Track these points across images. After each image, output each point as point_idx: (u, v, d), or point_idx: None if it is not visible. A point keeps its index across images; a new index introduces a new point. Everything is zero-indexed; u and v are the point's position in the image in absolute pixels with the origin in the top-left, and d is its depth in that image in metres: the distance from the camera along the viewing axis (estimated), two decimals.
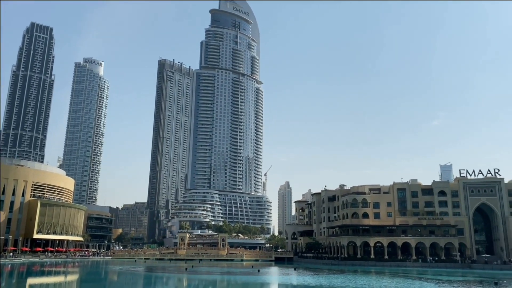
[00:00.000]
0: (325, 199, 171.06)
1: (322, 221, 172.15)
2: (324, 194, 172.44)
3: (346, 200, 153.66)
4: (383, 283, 70.86)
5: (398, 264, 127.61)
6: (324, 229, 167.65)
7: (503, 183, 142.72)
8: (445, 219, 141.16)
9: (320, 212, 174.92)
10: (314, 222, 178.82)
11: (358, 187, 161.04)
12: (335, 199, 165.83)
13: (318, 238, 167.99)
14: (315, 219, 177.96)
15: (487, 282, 73.57)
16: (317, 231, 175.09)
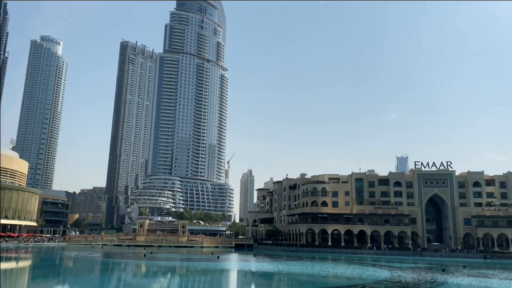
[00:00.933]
0: (286, 188, 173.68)
1: (282, 209, 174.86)
2: (286, 182, 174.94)
3: (307, 188, 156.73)
4: (339, 270, 73.20)
5: (354, 251, 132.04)
6: (284, 216, 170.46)
7: (454, 175, 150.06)
8: (400, 208, 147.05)
9: (281, 200, 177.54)
10: (275, 210, 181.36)
11: (318, 176, 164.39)
12: (296, 187, 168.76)
13: (278, 225, 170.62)
14: (276, 206, 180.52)
15: (436, 269, 77.58)
16: (277, 218, 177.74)
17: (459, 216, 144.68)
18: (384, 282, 55.04)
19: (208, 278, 59.29)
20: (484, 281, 57.26)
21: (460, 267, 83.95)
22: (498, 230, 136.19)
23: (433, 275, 65.84)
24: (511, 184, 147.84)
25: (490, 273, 72.20)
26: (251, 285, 54.65)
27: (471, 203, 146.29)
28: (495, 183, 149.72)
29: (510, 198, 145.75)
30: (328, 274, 65.44)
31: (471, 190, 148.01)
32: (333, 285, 52.18)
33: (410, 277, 61.99)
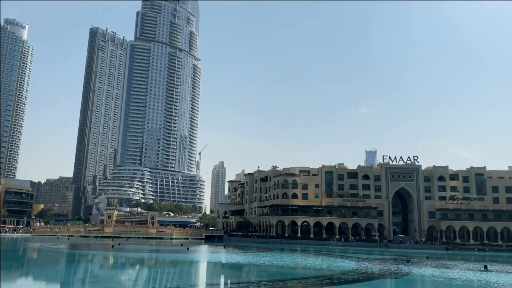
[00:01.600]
0: (257, 180, 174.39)
1: (253, 201, 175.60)
2: (257, 174, 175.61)
3: (278, 181, 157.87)
4: (308, 261, 74.29)
5: (322, 243, 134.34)
6: (255, 208, 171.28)
7: (420, 169, 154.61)
8: (367, 201, 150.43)
9: (252, 192, 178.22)
10: (246, 202, 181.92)
11: (289, 168, 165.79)
12: (267, 179, 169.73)
13: (249, 217, 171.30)
14: (247, 198, 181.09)
15: (401, 260, 79.95)
16: (248, 210, 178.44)
17: (424, 209, 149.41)
18: (351, 273, 56.25)
19: (178, 270, 58.93)
20: (446, 272, 59.45)
21: (423, 258, 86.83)
22: (460, 223, 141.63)
23: (398, 266, 67.83)
24: (473, 179, 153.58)
25: (452, 264, 75.04)
26: (221, 276, 54.70)
27: (435, 197, 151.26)
28: (458, 178, 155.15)
29: (472, 192, 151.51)
30: (297, 266, 66.29)
31: (436, 184, 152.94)
32: (302, 276, 52.90)
33: (376, 268, 63.61)
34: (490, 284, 46.65)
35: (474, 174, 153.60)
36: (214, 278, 52.40)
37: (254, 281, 47.48)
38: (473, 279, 50.39)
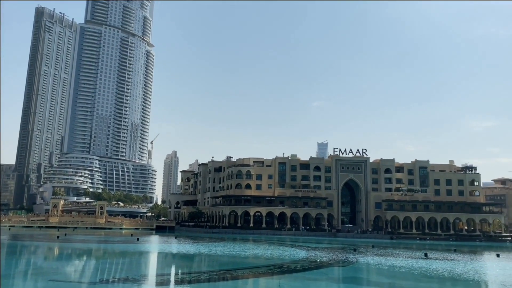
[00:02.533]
0: (211, 170, 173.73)
1: (207, 191, 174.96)
2: (211, 165, 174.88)
3: (232, 171, 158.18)
4: (260, 250, 75.23)
5: (274, 233, 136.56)
6: (208, 199, 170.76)
7: (368, 162, 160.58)
8: (318, 192, 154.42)
9: (206, 182, 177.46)
10: (199, 192, 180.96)
11: (243, 159, 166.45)
12: (221, 170, 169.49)
13: (202, 207, 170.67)
14: (200, 189, 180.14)
15: (348, 249, 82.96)
16: (201, 201, 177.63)
17: (371, 200, 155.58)
18: (301, 262, 57.63)
19: (127, 261, 57.65)
20: (390, 260, 62.35)
21: (370, 247, 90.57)
22: (404, 213, 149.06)
23: (346, 254, 70.32)
24: (417, 171, 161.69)
25: (396, 252, 78.85)
26: (172, 267, 54.15)
27: (382, 188, 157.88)
28: (404, 170, 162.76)
29: (416, 184, 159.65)
30: (249, 255, 66.96)
31: (383, 176, 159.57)
32: (253, 266, 53.49)
33: (325, 256, 65.58)
34: (430, 270, 49.48)
35: (418, 167, 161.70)
36: (165, 269, 51.78)
37: (205, 271, 47.44)
38: (414, 267, 53.22)
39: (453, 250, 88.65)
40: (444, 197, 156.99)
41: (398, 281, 42.70)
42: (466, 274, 47.33)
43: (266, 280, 41.50)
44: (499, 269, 54.88)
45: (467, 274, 46.94)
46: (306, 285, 38.32)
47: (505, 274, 49.24)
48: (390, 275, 46.61)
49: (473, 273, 48.78)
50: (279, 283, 38.61)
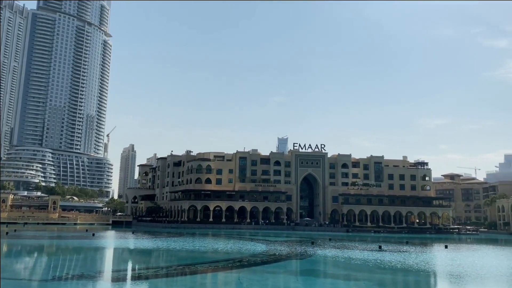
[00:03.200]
0: (170, 164, 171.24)
1: (165, 186, 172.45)
2: (170, 159, 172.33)
3: (191, 165, 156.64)
4: (219, 245, 75.10)
5: (233, 227, 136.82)
6: (167, 193, 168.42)
7: (327, 157, 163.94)
8: (278, 186, 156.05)
9: (164, 177, 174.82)
10: (157, 187, 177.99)
11: (204, 153, 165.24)
12: (181, 164, 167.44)
13: (160, 202, 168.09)
14: (159, 183, 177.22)
15: (306, 242, 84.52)
16: (159, 195, 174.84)
17: (328, 194, 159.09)
18: (260, 255, 58.06)
19: (82, 257, 55.77)
20: (346, 252, 64.09)
21: (327, 240, 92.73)
22: (360, 207, 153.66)
23: (304, 247, 71.57)
24: (372, 167, 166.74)
25: (351, 245, 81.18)
26: (128, 262, 52.95)
27: (339, 183, 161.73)
28: (360, 165, 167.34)
29: (371, 179, 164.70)
30: (208, 250, 66.68)
31: (340, 171, 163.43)
32: (213, 260, 53.30)
33: (283, 250, 66.43)
34: (383, 262, 51.29)
35: (373, 163, 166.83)
36: (122, 264, 50.54)
37: (163, 266, 46.75)
38: (369, 259, 54.98)
39: (405, 242, 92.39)
40: (398, 192, 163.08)
41: (354, 272, 43.95)
42: (417, 265, 49.44)
43: (225, 274, 41.46)
44: (447, 260, 57.76)
45: (418, 265, 49.05)
46: (265, 278, 38.62)
47: (453, 265, 51.88)
48: (346, 267, 47.90)
49: (423, 264, 51.05)
50: (238, 277, 38.67)
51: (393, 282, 39.28)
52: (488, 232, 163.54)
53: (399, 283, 39.25)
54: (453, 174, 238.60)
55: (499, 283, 39.66)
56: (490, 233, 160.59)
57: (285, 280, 39.19)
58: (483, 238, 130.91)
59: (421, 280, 40.41)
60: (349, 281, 38.93)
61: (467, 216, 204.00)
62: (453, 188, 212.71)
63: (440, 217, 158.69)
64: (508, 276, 42.88)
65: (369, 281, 38.44)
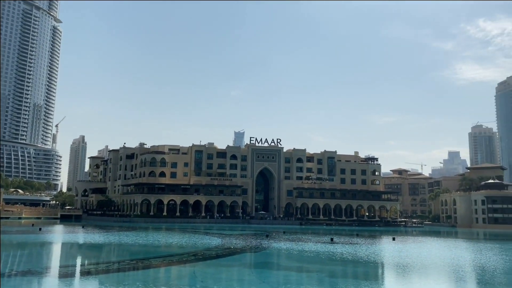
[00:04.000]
0: (123, 157, 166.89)
1: (117, 179, 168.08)
2: (123, 151, 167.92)
3: (145, 158, 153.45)
4: (173, 239, 74.24)
5: (188, 221, 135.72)
6: (119, 187, 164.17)
7: (282, 151, 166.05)
8: (234, 180, 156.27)
9: (117, 170, 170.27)
10: (109, 180, 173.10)
11: (158, 146, 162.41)
12: (134, 157, 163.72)
13: (111, 195, 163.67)
14: (111, 176, 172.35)
15: (261, 235, 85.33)
16: (111, 188, 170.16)
17: (283, 188, 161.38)
18: (215, 249, 57.98)
19: (27, 252, 53.14)
20: (299, 245, 65.35)
21: (281, 233, 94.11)
22: (313, 201, 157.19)
23: (259, 240, 72.21)
24: (326, 161, 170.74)
25: (305, 237, 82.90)
26: (77, 257, 51.06)
27: (294, 177, 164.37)
28: (314, 160, 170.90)
29: (324, 173, 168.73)
30: (162, 244, 65.72)
31: (295, 165, 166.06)
32: (167, 254, 52.57)
33: (238, 243, 66.71)
34: (335, 254, 52.81)
35: (327, 157, 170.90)
36: (70, 260, 48.66)
37: (115, 261, 45.50)
38: (322, 251, 56.42)
39: (355, 234, 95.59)
40: (349, 186, 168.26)
41: (307, 264, 44.92)
42: (367, 256, 51.32)
43: (179, 268, 41.03)
44: (395, 251, 60.39)
45: (368, 257, 50.92)
46: (220, 271, 38.63)
47: (400, 256, 54.31)
48: (300, 259, 48.86)
49: (373, 256, 53.07)
50: (193, 270, 38.40)
51: (343, 273, 40.54)
52: (432, 225, 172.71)
53: (349, 274, 40.56)
54: (401, 169, 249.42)
55: (442, 272, 42.00)
56: (434, 226, 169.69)
57: (240, 272, 39.38)
58: (427, 230, 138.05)
59: (370, 271, 41.99)
60: (302, 273, 39.74)
61: (413, 210, 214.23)
62: (400, 183, 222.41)
63: (389, 210, 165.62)
64: (450, 266, 45.53)
65: (321, 272, 39.43)
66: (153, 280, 33.65)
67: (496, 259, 52.71)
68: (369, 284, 34.64)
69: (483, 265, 45.26)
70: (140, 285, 29.61)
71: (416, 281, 37.15)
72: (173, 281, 33.62)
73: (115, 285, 30.25)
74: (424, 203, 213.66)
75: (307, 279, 36.10)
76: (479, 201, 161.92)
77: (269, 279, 35.32)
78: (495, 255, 57.64)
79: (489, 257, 54.43)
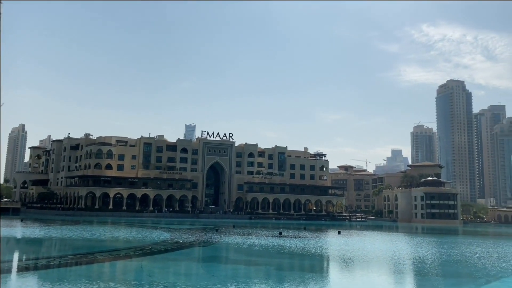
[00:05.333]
0: (67, 147, 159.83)
1: (61, 170, 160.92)
2: (67, 142, 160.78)
3: (91, 150, 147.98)
4: (120, 233, 72.18)
5: (135, 215, 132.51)
6: (62, 179, 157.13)
7: (234, 146, 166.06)
8: (184, 174, 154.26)
9: (60, 161, 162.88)
10: (52, 171, 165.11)
11: (105, 137, 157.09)
12: (79, 148, 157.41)
13: (54, 188, 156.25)
14: (53, 168, 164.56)
15: (210, 229, 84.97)
16: (53, 180, 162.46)
17: (234, 182, 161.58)
18: (163, 243, 56.98)
19: None
20: (249, 239, 65.72)
21: (231, 227, 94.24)
22: (263, 195, 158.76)
23: (208, 235, 71.88)
24: (276, 156, 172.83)
25: (254, 231, 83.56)
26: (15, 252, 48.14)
27: (245, 171, 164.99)
28: (265, 155, 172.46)
29: (275, 168, 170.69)
30: (107, 238, 63.63)
31: (246, 160, 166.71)
32: (112, 249, 50.96)
33: (187, 237, 66.01)
34: (283, 248, 53.64)
35: (278, 153, 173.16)
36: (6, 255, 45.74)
37: (56, 256, 43.46)
38: (270, 244, 57.10)
39: (303, 228, 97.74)
40: (298, 181, 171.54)
41: (256, 258, 45.28)
42: (314, 250, 52.62)
43: (126, 262, 39.91)
44: (340, 245, 62.38)
45: (315, 250, 52.23)
46: (168, 265, 38.01)
47: (345, 249, 56.15)
48: (249, 252, 49.15)
49: (319, 249, 54.52)
50: (140, 265, 37.49)
51: (291, 266, 41.29)
52: (375, 219, 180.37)
53: (296, 267, 41.37)
54: (347, 165, 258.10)
55: (384, 265, 43.93)
56: (376, 220, 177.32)
57: (188, 267, 38.98)
58: (371, 224, 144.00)
59: (317, 264, 43.08)
60: (251, 266, 40.00)
61: (357, 205, 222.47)
62: (346, 179, 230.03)
63: (335, 205, 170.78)
64: (392, 259, 47.69)
65: (269, 265, 39.90)
66: (97, 275, 32.46)
67: (434, 251, 55.99)
68: (315, 277, 35.53)
69: (422, 258, 47.85)
70: (83, 281, 28.43)
71: (360, 273, 38.56)
72: (119, 276, 32.60)
73: (56, 280, 28.80)
74: (368, 199, 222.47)
75: (255, 272, 36.38)
76: (418, 197, 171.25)
77: (218, 272, 35.21)
78: (433, 248, 61.24)
79: (427, 250, 57.69)
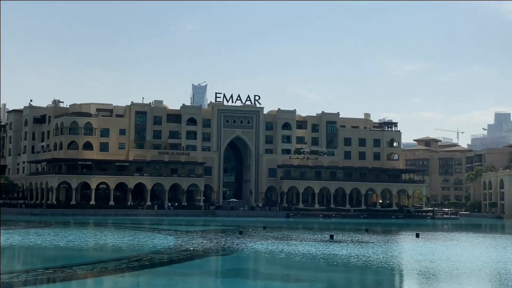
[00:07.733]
0: (29, 120, 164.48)
1: (21, 153, 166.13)
2: (28, 112, 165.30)
3: (62, 123, 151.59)
4: (107, 238, 74.18)
5: (126, 213, 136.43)
6: (24, 164, 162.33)
7: (262, 114, 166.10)
8: (192, 154, 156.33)
9: (20, 139, 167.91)
10: (9, 154, 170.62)
11: (81, 105, 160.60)
12: (45, 121, 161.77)
13: (13, 177, 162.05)
14: (11, 149, 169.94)
15: (232, 231, 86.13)
16: (12, 166, 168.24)
17: (263, 165, 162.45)
18: (167, 252, 58.22)
19: None
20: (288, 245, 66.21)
21: (260, 228, 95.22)
22: (305, 183, 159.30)
23: (229, 239, 72.91)
24: (324, 127, 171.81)
25: (293, 234, 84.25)
26: None
27: (278, 150, 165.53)
28: (307, 126, 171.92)
29: (322, 144, 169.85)
30: (90, 245, 65.60)
31: (280, 133, 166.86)
32: (97, 260, 52.54)
33: (200, 243, 67.23)
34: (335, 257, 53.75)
35: (325, 122, 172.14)
36: None
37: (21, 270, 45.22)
38: (317, 253, 57.41)
39: (364, 230, 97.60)
40: (356, 162, 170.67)
41: (296, 272, 45.57)
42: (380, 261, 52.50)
43: (116, 278, 41.06)
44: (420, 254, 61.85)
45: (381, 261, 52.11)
46: (174, 282, 38.86)
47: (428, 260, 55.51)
48: (286, 265, 49.56)
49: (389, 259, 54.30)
50: (136, 281, 38.55)
51: (348, 284, 41.43)
52: (470, 215, 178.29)
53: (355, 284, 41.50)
54: (429, 139, 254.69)
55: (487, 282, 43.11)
56: (473, 217, 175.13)
57: (202, 284, 39.73)
58: (464, 223, 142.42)
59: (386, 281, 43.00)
60: (289, 284, 40.38)
61: (444, 195, 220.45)
62: (428, 158, 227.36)
63: (411, 196, 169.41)
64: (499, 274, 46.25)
65: (317, 282, 40.19)
66: None
67: None
68: None
69: None
70: None
71: None
72: None
73: None
74: (460, 186, 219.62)
75: None
76: None
77: None
78: None
79: None
